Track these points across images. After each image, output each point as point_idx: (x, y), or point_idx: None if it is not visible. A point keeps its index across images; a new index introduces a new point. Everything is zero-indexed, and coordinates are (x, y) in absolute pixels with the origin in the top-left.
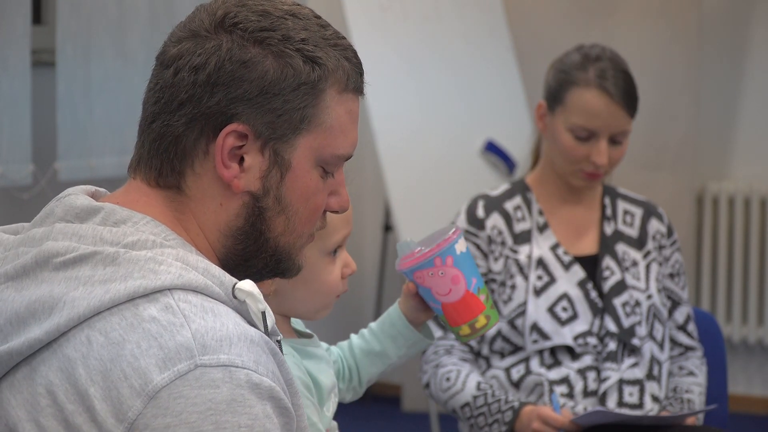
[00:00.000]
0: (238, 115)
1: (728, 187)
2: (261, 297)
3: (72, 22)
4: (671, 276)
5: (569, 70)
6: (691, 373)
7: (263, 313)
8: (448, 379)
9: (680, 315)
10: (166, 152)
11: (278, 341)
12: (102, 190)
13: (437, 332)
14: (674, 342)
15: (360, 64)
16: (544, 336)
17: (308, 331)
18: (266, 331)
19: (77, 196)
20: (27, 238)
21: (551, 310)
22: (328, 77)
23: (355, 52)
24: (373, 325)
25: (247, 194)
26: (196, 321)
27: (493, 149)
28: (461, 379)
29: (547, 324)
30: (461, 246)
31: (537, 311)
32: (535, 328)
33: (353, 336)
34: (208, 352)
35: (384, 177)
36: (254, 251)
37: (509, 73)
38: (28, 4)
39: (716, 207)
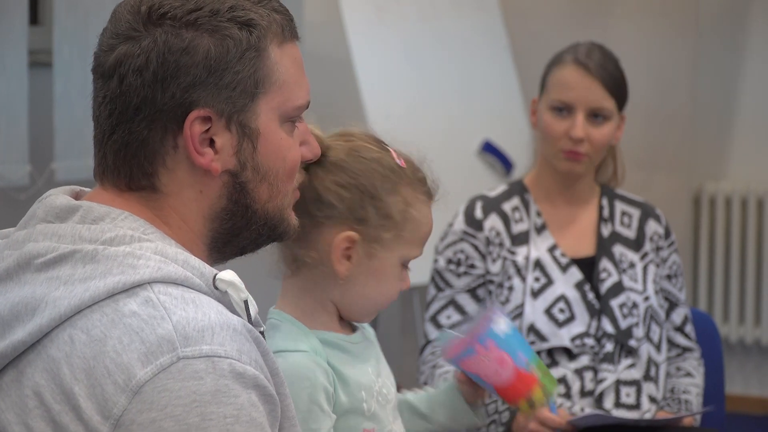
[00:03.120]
0: (196, 101)
1: (725, 187)
2: (242, 286)
3: (69, 23)
4: (669, 277)
5: (555, 57)
6: (688, 374)
7: (246, 303)
8: (445, 380)
9: (678, 316)
10: (135, 158)
11: (261, 332)
12: (87, 189)
13: (433, 333)
14: (672, 343)
15: (287, 11)
16: (542, 337)
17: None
18: (250, 321)
19: (57, 197)
20: (11, 242)
21: (548, 311)
22: (266, 35)
23: (279, 2)
24: (429, 387)
25: (226, 173)
26: (177, 313)
27: (490, 149)
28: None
29: (544, 326)
30: (502, 325)
31: (534, 313)
32: (533, 329)
33: (407, 392)
34: (190, 344)
35: None
36: (243, 225)
37: (506, 73)
38: (25, 5)
39: (713, 207)
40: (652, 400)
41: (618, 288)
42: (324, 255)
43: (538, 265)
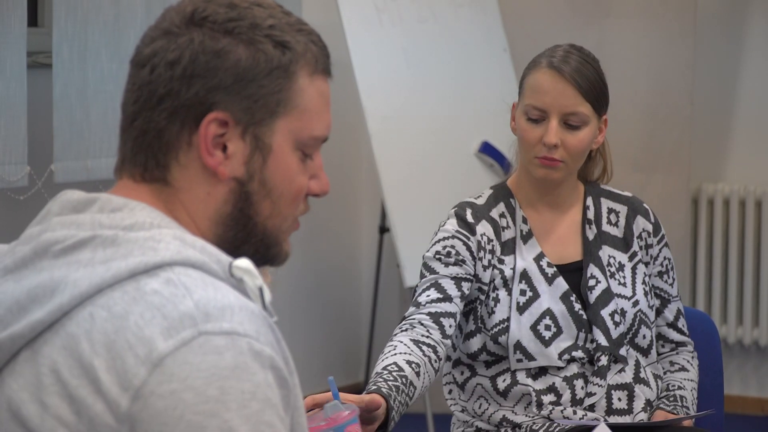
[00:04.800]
0: (216, 103)
1: (723, 188)
2: (257, 274)
3: (68, 24)
4: (660, 274)
5: (532, 60)
6: (682, 369)
7: (260, 290)
8: (383, 352)
9: (670, 312)
10: (150, 147)
11: (275, 322)
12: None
13: (410, 309)
14: (665, 339)
15: (326, 47)
16: (529, 356)
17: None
18: (264, 308)
19: (73, 193)
20: (23, 238)
21: (534, 328)
22: (299, 60)
23: (319, 36)
24: None
25: (233, 180)
26: (197, 292)
27: (488, 150)
28: (391, 351)
29: (530, 344)
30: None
31: (520, 329)
32: (519, 347)
33: None
34: (210, 320)
35: (379, 178)
36: (244, 237)
37: (505, 74)
38: (24, 7)
39: (712, 208)
40: (647, 402)
41: (607, 296)
42: None
43: (525, 276)
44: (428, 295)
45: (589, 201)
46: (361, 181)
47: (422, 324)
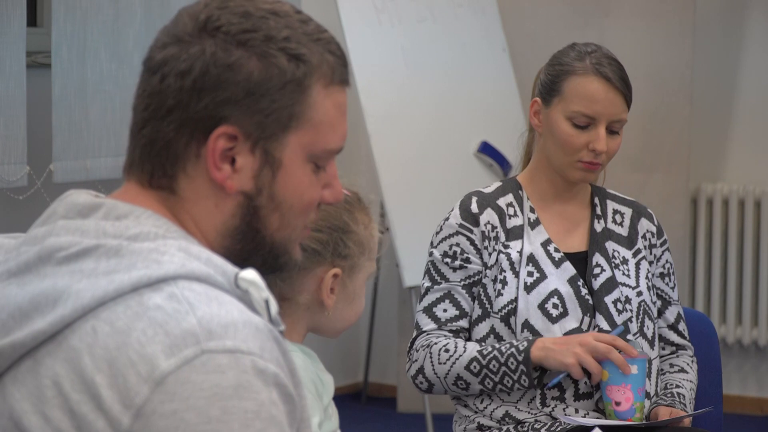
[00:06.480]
0: (226, 117)
1: (723, 188)
2: (263, 285)
3: (67, 24)
4: (662, 276)
5: (565, 62)
6: (682, 370)
7: (266, 302)
8: (446, 351)
9: (671, 314)
10: (157, 156)
11: (281, 331)
12: (102, 195)
13: (428, 324)
14: (665, 341)
15: (343, 55)
16: (536, 333)
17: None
18: (270, 320)
19: (79, 194)
20: (28, 238)
21: (542, 306)
22: (314, 73)
23: (338, 45)
24: None
25: (241, 194)
26: (201, 308)
27: (487, 150)
28: (461, 345)
29: (538, 321)
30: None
31: (528, 308)
32: (527, 325)
33: None
34: (213, 338)
35: (379, 179)
36: (252, 249)
37: (504, 74)
38: (23, 6)
39: (711, 208)
40: (646, 395)
41: (611, 284)
42: (314, 294)
43: (532, 259)
44: (444, 310)
45: (596, 200)
46: (361, 181)
47: (446, 338)
